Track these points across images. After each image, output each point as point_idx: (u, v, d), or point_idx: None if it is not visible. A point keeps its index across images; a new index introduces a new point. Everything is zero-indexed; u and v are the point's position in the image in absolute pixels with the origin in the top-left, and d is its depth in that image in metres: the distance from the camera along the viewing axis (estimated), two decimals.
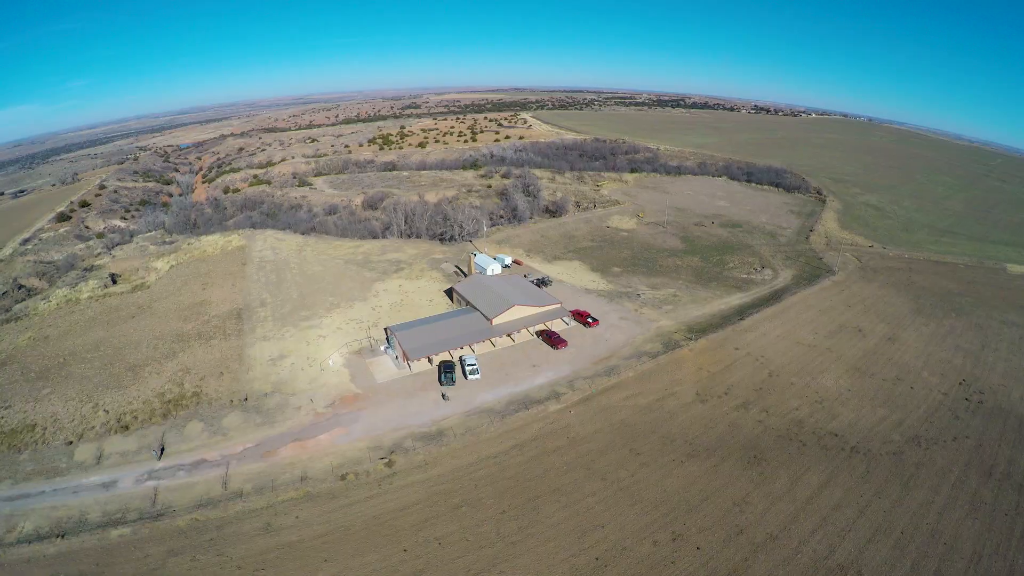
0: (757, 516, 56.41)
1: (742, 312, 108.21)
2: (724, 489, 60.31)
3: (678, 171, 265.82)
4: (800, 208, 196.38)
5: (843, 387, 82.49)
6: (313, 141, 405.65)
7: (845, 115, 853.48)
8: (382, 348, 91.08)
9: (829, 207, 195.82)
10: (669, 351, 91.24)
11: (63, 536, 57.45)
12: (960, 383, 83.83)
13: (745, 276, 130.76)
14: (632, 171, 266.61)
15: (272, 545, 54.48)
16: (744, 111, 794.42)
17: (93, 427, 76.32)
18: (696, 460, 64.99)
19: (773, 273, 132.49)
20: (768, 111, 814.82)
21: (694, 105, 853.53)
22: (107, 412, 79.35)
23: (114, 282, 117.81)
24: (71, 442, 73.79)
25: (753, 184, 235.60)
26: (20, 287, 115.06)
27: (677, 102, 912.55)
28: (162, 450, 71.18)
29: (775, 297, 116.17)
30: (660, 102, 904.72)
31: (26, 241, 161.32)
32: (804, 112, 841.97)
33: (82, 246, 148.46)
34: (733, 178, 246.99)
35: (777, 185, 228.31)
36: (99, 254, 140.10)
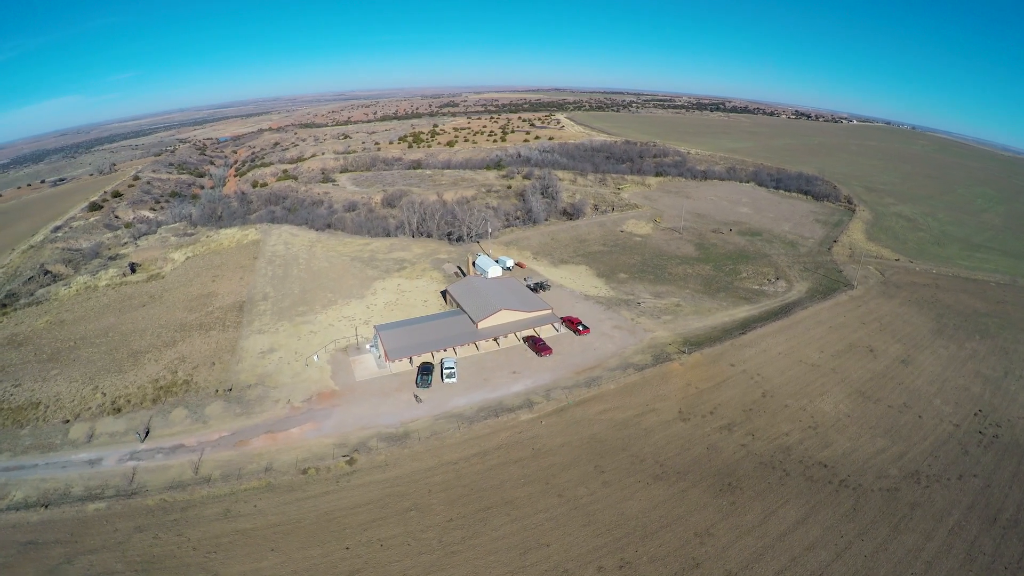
0: (718, 550, 51.58)
1: (745, 326, 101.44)
2: (688, 517, 55.64)
3: (704, 176, 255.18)
4: (827, 217, 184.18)
5: (842, 412, 75.55)
6: (346, 138, 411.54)
7: (888, 122, 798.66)
8: (367, 346, 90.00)
9: (858, 217, 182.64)
10: (658, 364, 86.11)
11: (47, 506, 60.35)
12: (975, 413, 75.36)
13: (757, 287, 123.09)
14: (657, 175, 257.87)
15: (228, 530, 55.58)
16: (784, 116, 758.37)
17: (90, 408, 78.64)
18: (663, 483, 60.40)
19: (787, 285, 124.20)
20: (809, 117, 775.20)
21: (734, 109, 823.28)
22: (104, 395, 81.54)
23: (133, 271, 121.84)
24: (68, 421, 76.30)
25: (781, 191, 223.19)
26: (46, 272, 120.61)
27: (717, 106, 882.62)
28: (147, 433, 72.79)
29: (785, 311, 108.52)
30: (699, 105, 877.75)
31: (57, 228, 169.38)
32: (846, 118, 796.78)
33: (110, 235, 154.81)
34: (761, 184, 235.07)
35: (806, 192, 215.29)
36: (125, 243, 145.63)
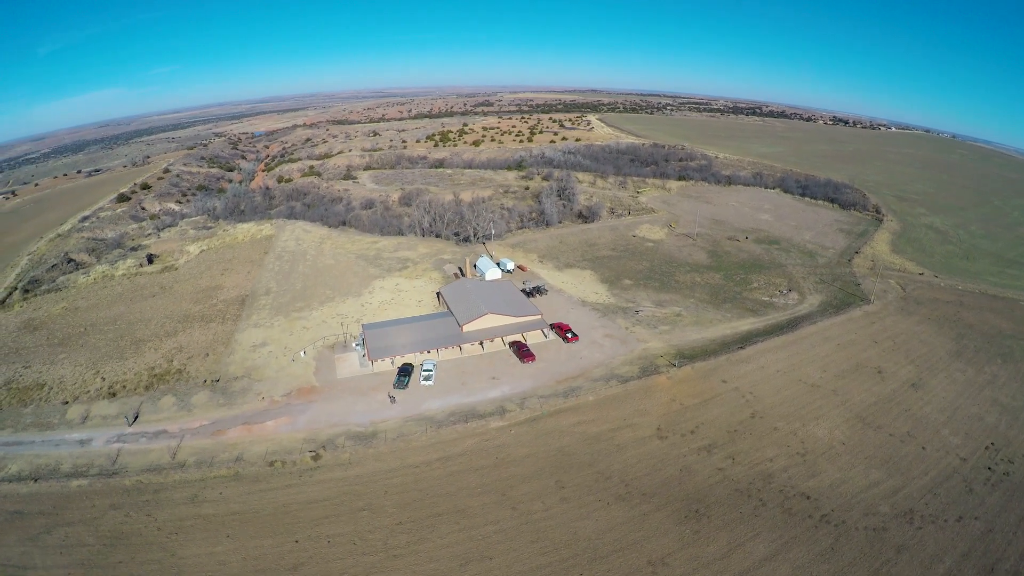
0: None
1: (747, 340, 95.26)
2: (645, 542, 51.75)
3: (729, 181, 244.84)
4: (852, 227, 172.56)
5: (837, 439, 69.33)
6: (375, 135, 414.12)
7: (927, 130, 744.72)
8: (354, 345, 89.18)
9: (885, 227, 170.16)
10: (645, 377, 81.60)
11: (36, 480, 63.56)
12: (987, 447, 67.73)
13: (766, 299, 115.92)
14: (680, 179, 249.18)
15: (192, 514, 57.19)
16: (821, 122, 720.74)
17: (88, 391, 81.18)
18: (625, 504, 56.56)
19: (799, 297, 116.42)
20: (846, 123, 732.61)
21: (770, 114, 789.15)
22: (103, 379, 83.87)
23: (150, 262, 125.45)
24: (67, 402, 79.06)
25: (807, 198, 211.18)
26: (70, 261, 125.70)
27: (753, 110, 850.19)
28: (135, 417, 74.63)
29: (791, 325, 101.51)
30: (736, 109, 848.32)
31: (85, 218, 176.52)
32: (884, 125, 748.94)
33: (135, 226, 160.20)
34: (787, 191, 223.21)
35: (833, 200, 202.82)
36: (149, 234, 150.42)
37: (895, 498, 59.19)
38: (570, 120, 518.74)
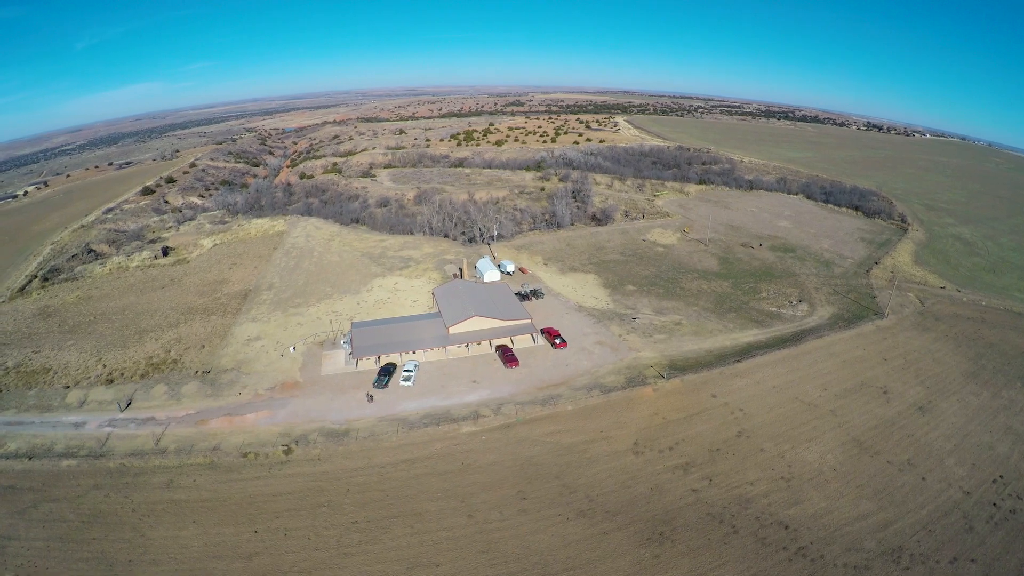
0: None
1: (745, 352, 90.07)
2: (598, 563, 48.70)
3: (751, 185, 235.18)
4: (874, 236, 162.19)
5: (829, 464, 64.21)
6: (401, 133, 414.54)
7: (964, 138, 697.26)
8: (342, 342, 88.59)
9: (909, 237, 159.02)
10: (630, 388, 77.84)
11: (31, 458, 66.09)
12: (994, 480, 61.41)
13: (774, 310, 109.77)
14: (701, 182, 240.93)
15: (164, 499, 58.63)
16: (855, 127, 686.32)
17: (89, 377, 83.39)
18: (586, 520, 53.52)
19: (809, 309, 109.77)
20: (880, 129, 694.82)
21: (803, 118, 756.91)
22: (104, 366, 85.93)
23: (165, 254, 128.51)
24: (68, 387, 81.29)
25: (830, 205, 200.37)
26: (90, 251, 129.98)
27: (785, 114, 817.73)
28: (128, 403, 76.35)
29: (796, 338, 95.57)
30: (767, 113, 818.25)
31: (109, 210, 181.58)
32: (919, 132, 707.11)
33: (156, 219, 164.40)
34: (810, 197, 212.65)
35: (857, 208, 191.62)
36: (169, 228, 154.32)
37: (884, 533, 54.11)
38: (596, 121, 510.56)
